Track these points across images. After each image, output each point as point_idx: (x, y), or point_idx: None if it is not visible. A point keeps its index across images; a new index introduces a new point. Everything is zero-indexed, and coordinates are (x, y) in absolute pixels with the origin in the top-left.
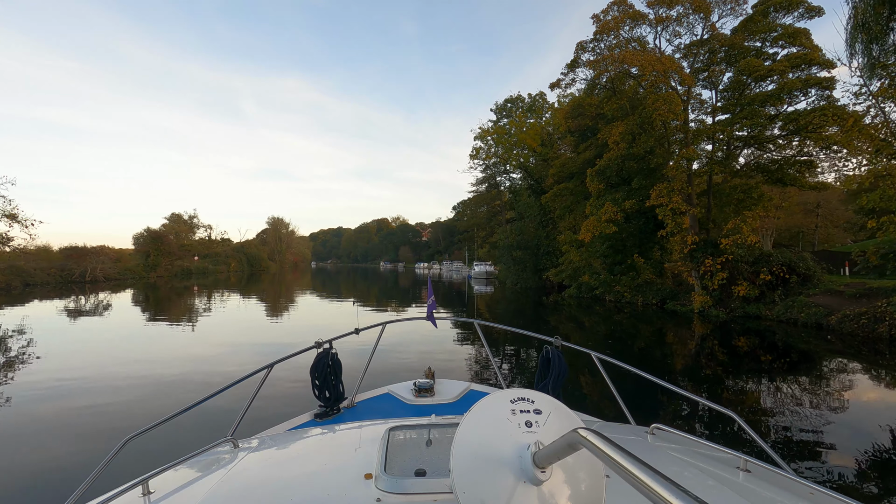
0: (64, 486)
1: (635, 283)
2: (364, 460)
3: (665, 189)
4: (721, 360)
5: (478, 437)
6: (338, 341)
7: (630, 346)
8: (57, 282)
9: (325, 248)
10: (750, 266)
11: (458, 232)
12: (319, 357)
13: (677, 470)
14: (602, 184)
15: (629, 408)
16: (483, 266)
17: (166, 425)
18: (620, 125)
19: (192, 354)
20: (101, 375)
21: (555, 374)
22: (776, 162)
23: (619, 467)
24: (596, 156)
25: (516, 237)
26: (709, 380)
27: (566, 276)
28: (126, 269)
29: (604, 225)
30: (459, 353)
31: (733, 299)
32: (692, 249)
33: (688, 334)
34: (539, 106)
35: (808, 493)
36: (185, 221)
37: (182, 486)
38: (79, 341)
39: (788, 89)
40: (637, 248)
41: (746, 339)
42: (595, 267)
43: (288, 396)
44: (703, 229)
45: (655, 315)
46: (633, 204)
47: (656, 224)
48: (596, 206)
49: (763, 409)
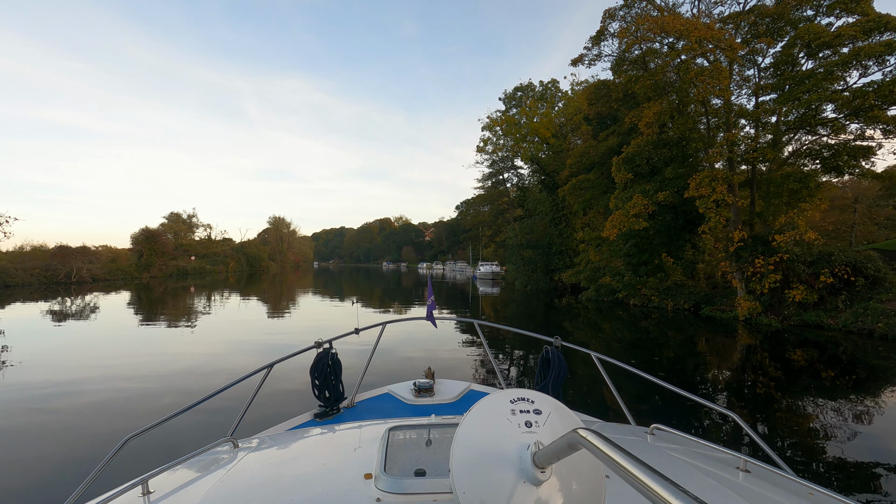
0: (64, 486)
1: (664, 286)
2: (364, 460)
3: (707, 178)
4: (773, 376)
5: (478, 437)
6: (338, 341)
7: (659, 355)
8: (40, 283)
9: (328, 248)
10: (807, 267)
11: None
12: (319, 357)
13: (677, 470)
14: (630, 173)
15: (629, 408)
16: (489, 266)
17: (166, 425)
18: (654, 105)
19: (191, 355)
20: (100, 376)
21: (555, 374)
22: (830, 147)
23: (618, 467)
24: (620, 144)
25: (526, 236)
26: (758, 399)
27: (584, 278)
28: (117, 270)
29: (632, 220)
30: (459, 353)
31: (786, 305)
32: (739, 247)
33: (730, 344)
34: (551, 95)
35: (807, 493)
36: (183, 221)
37: (182, 486)
38: (66, 342)
39: (866, 54)
40: (665, 247)
41: (804, 351)
42: (617, 268)
43: (288, 396)
44: (747, 224)
45: (688, 321)
46: (668, 196)
47: (687, 220)
48: (622, 199)
49: (831, 434)
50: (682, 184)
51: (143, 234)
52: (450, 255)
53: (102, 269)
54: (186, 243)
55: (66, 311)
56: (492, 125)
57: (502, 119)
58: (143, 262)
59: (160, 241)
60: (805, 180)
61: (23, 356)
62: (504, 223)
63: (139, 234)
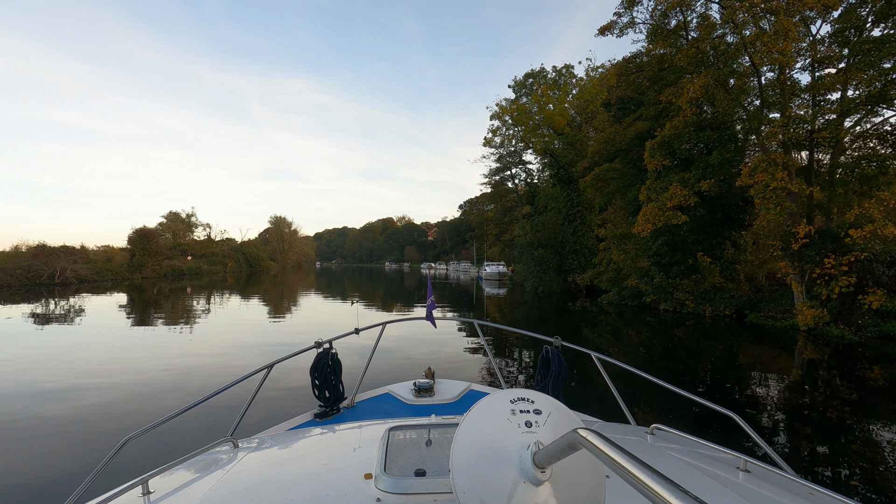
0: (63, 486)
1: (700, 289)
2: (364, 460)
3: (764, 162)
4: (847, 398)
5: (478, 437)
6: (338, 341)
7: (700, 370)
8: (21, 284)
9: (330, 248)
10: (887, 268)
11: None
12: (319, 357)
13: (677, 470)
14: (667, 159)
15: (629, 408)
16: (495, 266)
17: (166, 425)
18: (700, 78)
19: (190, 356)
20: (100, 376)
21: (555, 374)
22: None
23: (619, 467)
24: (651, 128)
25: (537, 233)
26: (829, 425)
27: (605, 280)
28: (107, 270)
29: (668, 214)
30: (459, 353)
31: (859, 313)
32: (804, 244)
33: (789, 359)
34: (565, 82)
35: (807, 493)
36: (182, 220)
37: (182, 486)
38: (60, 344)
39: None
40: (700, 245)
41: (882, 369)
42: (643, 268)
43: (288, 396)
44: (803, 218)
45: (730, 330)
46: (712, 185)
47: (725, 214)
48: (655, 190)
49: None
50: (729, 171)
51: (136, 234)
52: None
53: (91, 269)
54: (185, 243)
55: (49, 314)
56: (501, 113)
57: (513, 107)
58: (135, 263)
59: (153, 241)
60: (884, 165)
61: (12, 357)
62: (512, 221)
63: (133, 234)
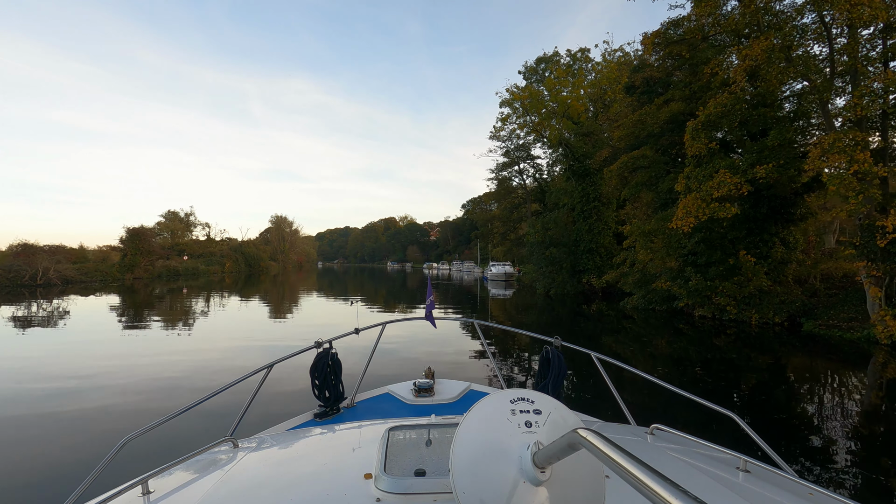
0: (63, 487)
1: (743, 293)
2: (364, 460)
3: (838, 143)
4: None
5: (477, 437)
6: (338, 341)
7: (745, 386)
8: (1, 285)
9: (332, 248)
10: None
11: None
12: (319, 357)
13: (677, 470)
14: (713, 142)
15: (629, 408)
16: (501, 266)
17: (165, 425)
18: (759, 42)
19: (190, 356)
20: (99, 377)
21: (555, 374)
22: None
23: (618, 467)
24: (687, 109)
25: (549, 231)
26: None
27: (631, 282)
28: (95, 270)
29: (714, 206)
30: (459, 353)
31: None
32: (891, 241)
33: (861, 377)
34: (580, 67)
35: (807, 494)
36: (181, 219)
37: (181, 486)
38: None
39: None
40: (742, 242)
41: None
42: (673, 269)
43: (288, 396)
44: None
45: (783, 341)
46: (770, 170)
47: (771, 207)
48: (698, 178)
49: None
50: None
51: (128, 233)
52: (456, 254)
53: (78, 269)
54: (183, 243)
55: (30, 317)
56: (512, 100)
57: (525, 93)
58: (126, 263)
59: (145, 240)
60: None
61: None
62: (520, 219)
63: (125, 233)
